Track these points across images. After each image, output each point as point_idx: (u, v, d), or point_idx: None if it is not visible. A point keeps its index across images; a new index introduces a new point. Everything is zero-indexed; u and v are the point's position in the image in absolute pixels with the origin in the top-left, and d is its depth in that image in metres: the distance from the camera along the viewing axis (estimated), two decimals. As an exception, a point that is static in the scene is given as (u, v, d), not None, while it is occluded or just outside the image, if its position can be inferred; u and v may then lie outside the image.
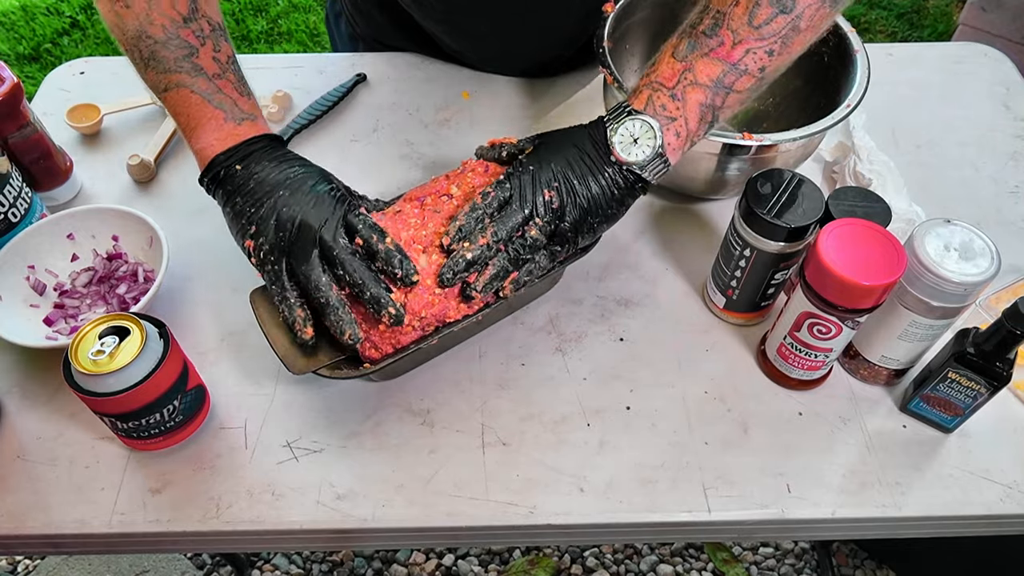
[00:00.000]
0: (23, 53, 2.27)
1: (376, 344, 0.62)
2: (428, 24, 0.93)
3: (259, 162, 0.63)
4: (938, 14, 2.37)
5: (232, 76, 0.66)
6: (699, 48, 0.60)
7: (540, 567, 1.35)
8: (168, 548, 0.65)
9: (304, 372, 0.60)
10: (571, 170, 0.62)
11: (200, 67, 0.65)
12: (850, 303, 0.58)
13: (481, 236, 0.61)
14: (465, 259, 0.60)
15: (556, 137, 0.64)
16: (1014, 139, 0.90)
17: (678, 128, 0.61)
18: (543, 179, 0.61)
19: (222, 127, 0.64)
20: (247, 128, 0.65)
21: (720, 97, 0.61)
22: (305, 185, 0.62)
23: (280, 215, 0.60)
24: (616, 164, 0.61)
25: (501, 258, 0.61)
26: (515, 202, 0.61)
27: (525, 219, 0.61)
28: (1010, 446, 0.66)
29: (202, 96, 0.64)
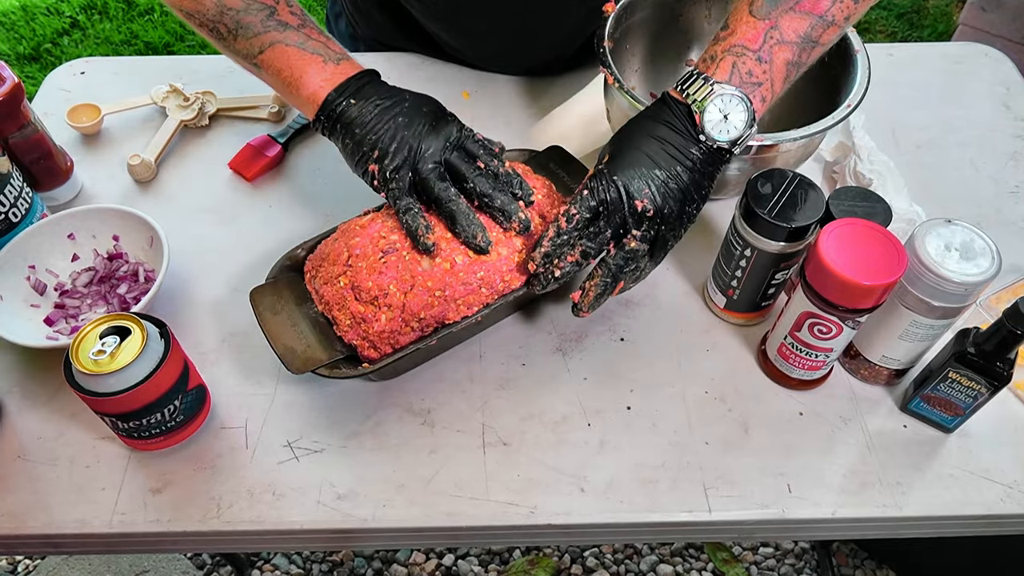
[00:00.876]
0: (23, 53, 2.27)
1: (375, 344, 0.62)
2: (429, 23, 0.93)
3: (371, 95, 0.65)
4: (938, 14, 2.37)
5: (312, 23, 0.70)
6: (782, 2, 0.57)
7: (540, 567, 1.35)
8: (168, 548, 0.65)
9: (303, 371, 0.60)
10: (658, 168, 0.59)
11: (285, 22, 0.68)
12: (850, 303, 0.58)
13: (570, 254, 0.60)
14: (554, 276, 0.61)
15: (632, 133, 0.61)
16: (1014, 139, 0.90)
17: (764, 93, 0.59)
18: (634, 189, 0.58)
19: (324, 69, 0.67)
20: (346, 67, 0.67)
21: (807, 52, 0.58)
22: (420, 111, 0.64)
23: (403, 137, 0.63)
24: (704, 144, 0.59)
25: (603, 276, 0.61)
26: (602, 219, 0.60)
27: (616, 232, 0.60)
28: (1010, 446, 0.66)
29: (297, 47, 0.67)
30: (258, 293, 0.65)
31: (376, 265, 0.62)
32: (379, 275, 0.61)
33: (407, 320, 0.62)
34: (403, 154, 0.63)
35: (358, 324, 0.62)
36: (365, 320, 0.61)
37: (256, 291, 0.65)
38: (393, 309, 0.61)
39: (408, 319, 0.62)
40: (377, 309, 0.61)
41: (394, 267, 0.62)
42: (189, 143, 0.90)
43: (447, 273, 0.62)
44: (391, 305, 0.61)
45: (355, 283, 0.62)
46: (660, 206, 0.59)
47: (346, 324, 0.62)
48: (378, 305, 0.61)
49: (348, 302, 0.62)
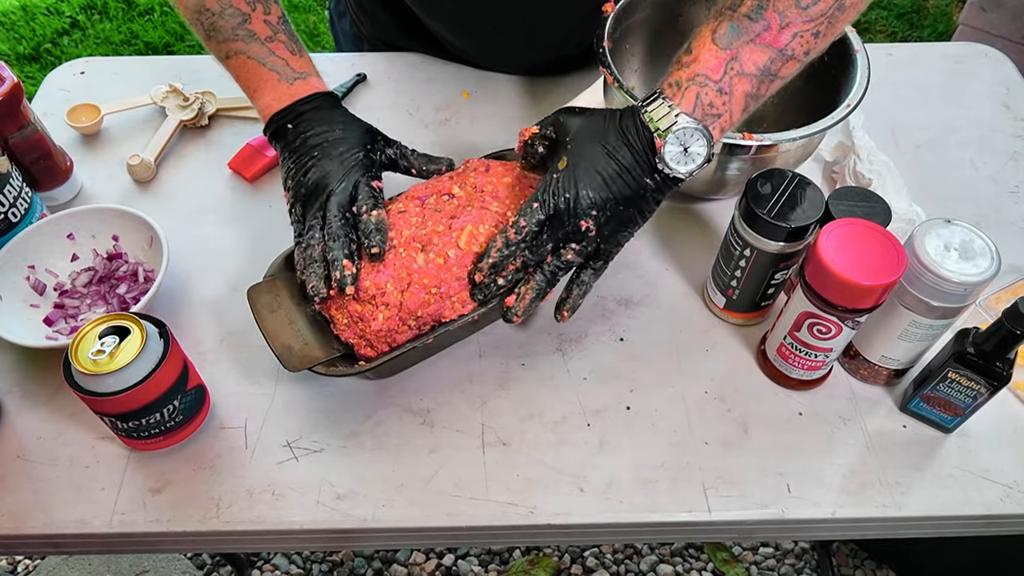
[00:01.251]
0: (23, 53, 2.27)
1: (372, 343, 0.62)
2: (432, 23, 0.93)
3: (307, 123, 0.67)
4: (938, 14, 2.37)
5: (283, 36, 0.71)
6: (744, 33, 0.57)
7: (540, 567, 1.35)
8: (168, 548, 0.65)
9: (299, 369, 0.60)
10: (610, 191, 0.59)
11: (253, 32, 0.69)
12: (850, 303, 0.58)
13: (511, 263, 0.61)
14: (497, 284, 0.62)
15: (594, 149, 0.60)
16: (1014, 139, 0.90)
17: (723, 124, 0.59)
18: (580, 208, 0.59)
19: (276, 88, 0.69)
20: (299, 87, 0.69)
21: (765, 85, 0.58)
22: (336, 150, 0.66)
23: (308, 174, 0.65)
24: (660, 172, 0.59)
25: (539, 281, 0.61)
26: (547, 231, 0.60)
27: (557, 245, 0.61)
28: (1010, 446, 0.66)
29: (257, 60, 0.69)
30: (256, 291, 0.65)
31: (374, 264, 0.62)
32: (376, 273, 0.62)
33: (404, 319, 0.62)
34: (300, 191, 0.66)
35: (355, 323, 0.62)
36: (363, 319, 0.61)
37: (254, 289, 0.65)
38: (391, 308, 0.61)
39: (405, 317, 0.62)
40: (375, 308, 0.61)
41: (391, 264, 0.62)
42: (189, 143, 0.90)
43: (441, 268, 0.62)
44: (388, 304, 0.61)
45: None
46: (603, 226, 0.59)
47: (343, 323, 0.62)
48: (376, 304, 0.61)
49: (346, 301, 0.62)
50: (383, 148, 0.70)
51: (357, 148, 0.67)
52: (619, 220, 0.60)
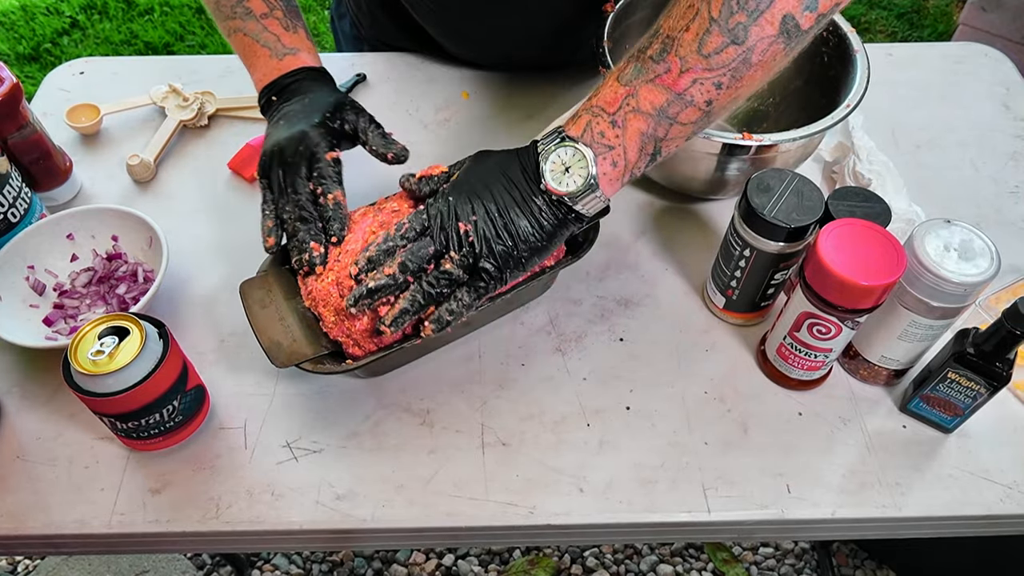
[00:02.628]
0: (23, 53, 2.27)
1: (359, 342, 0.62)
2: (427, 26, 0.93)
3: (287, 95, 0.71)
4: (938, 14, 2.37)
5: (279, 13, 0.74)
6: (645, 73, 0.56)
7: (540, 567, 1.35)
8: (168, 548, 0.65)
9: (287, 365, 0.61)
10: (494, 202, 0.58)
11: (250, 9, 0.73)
12: (850, 303, 0.58)
13: (387, 266, 0.59)
14: (368, 287, 0.58)
15: (484, 163, 0.61)
16: (1014, 139, 0.90)
17: (615, 158, 0.58)
18: (461, 211, 0.58)
19: (267, 63, 0.72)
20: (288, 62, 0.72)
21: (663, 128, 0.57)
22: (296, 118, 0.68)
23: (270, 144, 0.68)
24: (546, 194, 0.58)
25: (413, 292, 0.59)
26: (429, 233, 0.59)
27: (438, 252, 0.58)
28: (1010, 446, 0.66)
29: (252, 37, 0.73)
30: (247, 286, 0.65)
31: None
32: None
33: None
34: (263, 161, 0.68)
35: (343, 322, 0.62)
36: (349, 318, 0.61)
37: (246, 284, 0.65)
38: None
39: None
40: None
41: None
42: (188, 143, 0.90)
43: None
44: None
45: (340, 279, 0.62)
46: (482, 235, 0.58)
47: (331, 321, 0.62)
48: None
49: (333, 299, 0.62)
50: (346, 117, 0.70)
51: (316, 115, 0.68)
52: (501, 233, 0.58)
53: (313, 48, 0.75)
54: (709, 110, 0.57)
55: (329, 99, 0.70)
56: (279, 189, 0.66)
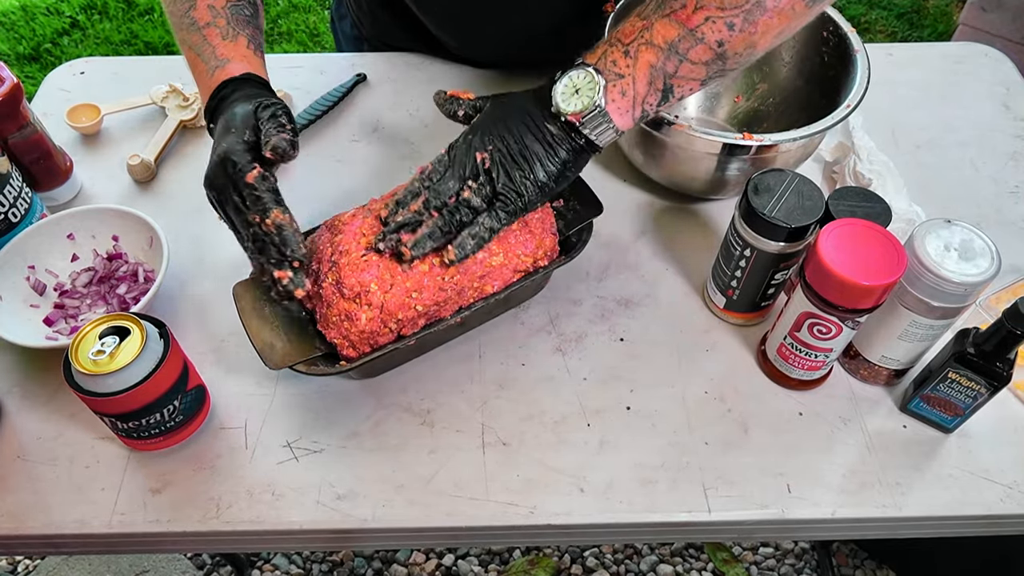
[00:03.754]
0: (23, 53, 2.27)
1: (355, 344, 0.62)
2: (431, 25, 0.93)
3: (217, 119, 0.65)
4: (938, 14, 2.37)
5: (222, 21, 0.68)
6: (662, 8, 0.58)
7: (540, 567, 1.35)
8: (168, 548, 0.65)
9: (280, 367, 0.61)
10: (509, 131, 0.60)
11: (194, 20, 0.68)
12: (850, 303, 0.58)
13: (413, 203, 0.61)
14: (396, 222, 0.61)
15: (503, 99, 0.63)
16: (1014, 139, 0.90)
17: (624, 87, 0.59)
18: (477, 143, 0.61)
19: (203, 81, 0.67)
20: (216, 77, 0.66)
21: (673, 63, 0.58)
22: (217, 147, 0.62)
23: (205, 177, 0.62)
24: (558, 118, 0.60)
25: (435, 220, 0.61)
26: (449, 171, 0.61)
27: (458, 185, 0.61)
28: (1010, 446, 0.66)
29: (195, 52, 0.68)
30: (241, 288, 0.65)
31: (358, 262, 0.62)
32: (361, 272, 0.62)
33: (385, 321, 0.62)
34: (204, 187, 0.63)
35: (341, 323, 0.62)
36: (349, 318, 0.61)
37: (239, 286, 0.65)
38: (373, 308, 0.61)
39: (386, 319, 0.62)
40: (359, 307, 0.61)
41: (375, 265, 0.62)
42: (189, 143, 0.90)
43: (424, 275, 0.62)
44: (371, 304, 0.61)
45: (339, 279, 0.62)
46: (497, 161, 0.60)
47: (330, 321, 0.62)
48: (360, 303, 0.61)
49: (336, 300, 0.62)
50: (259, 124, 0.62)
51: (232, 134, 0.61)
52: (515, 158, 0.60)
53: (250, 53, 0.69)
54: (721, 52, 0.58)
55: (246, 110, 0.63)
56: (228, 223, 0.62)
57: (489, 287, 0.65)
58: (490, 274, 0.65)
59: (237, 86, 0.65)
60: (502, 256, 0.65)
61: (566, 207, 0.71)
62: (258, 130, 0.62)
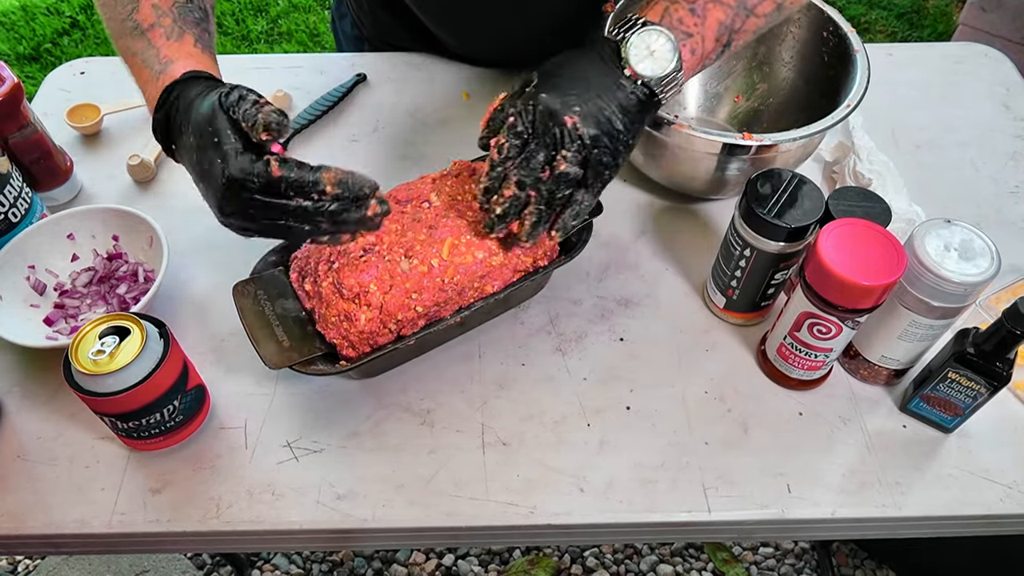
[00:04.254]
0: (23, 53, 2.27)
1: (354, 344, 0.62)
2: (431, 23, 0.93)
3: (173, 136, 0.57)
4: (938, 14, 2.37)
5: (167, 20, 0.60)
6: None
7: (540, 567, 1.35)
8: (168, 548, 0.65)
9: (280, 367, 0.61)
10: (586, 91, 0.56)
11: (137, 23, 0.60)
12: (850, 303, 0.58)
13: (506, 188, 0.58)
14: (496, 214, 0.59)
15: (560, 62, 0.59)
16: (1014, 139, 0.90)
17: (694, 45, 0.58)
18: (559, 107, 0.56)
19: (148, 89, 0.59)
20: (161, 83, 0.58)
21: (740, 19, 0.57)
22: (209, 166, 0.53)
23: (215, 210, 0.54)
24: (630, 80, 0.57)
25: (536, 204, 0.58)
26: (532, 142, 0.57)
27: (548, 156, 0.57)
28: (1010, 446, 0.66)
29: (140, 58, 0.60)
30: (241, 288, 0.65)
31: (357, 263, 0.62)
32: (360, 273, 0.62)
33: (384, 321, 0.62)
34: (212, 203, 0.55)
35: (341, 323, 0.62)
36: (348, 318, 0.61)
37: (239, 286, 0.65)
38: (372, 309, 0.61)
39: (386, 320, 0.62)
40: (358, 308, 0.61)
41: (374, 266, 0.62)
42: (189, 143, 0.90)
43: (424, 276, 0.62)
44: (371, 304, 0.61)
45: (338, 280, 0.62)
46: (587, 124, 0.56)
47: (330, 322, 0.62)
48: (359, 304, 0.61)
49: (335, 300, 0.62)
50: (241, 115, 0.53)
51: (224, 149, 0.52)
52: (603, 120, 0.57)
53: (197, 52, 0.61)
54: (780, 3, 0.58)
55: (208, 109, 0.54)
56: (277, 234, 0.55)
57: (489, 287, 0.65)
58: (490, 274, 0.65)
59: (183, 89, 0.56)
60: (502, 256, 0.65)
61: None
62: (235, 122, 0.53)
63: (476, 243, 0.64)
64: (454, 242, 0.64)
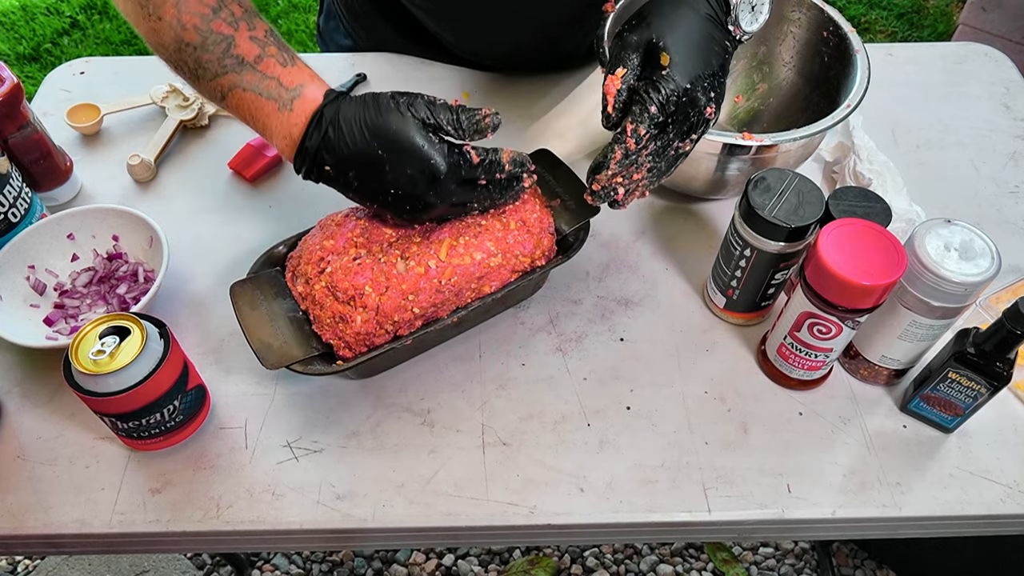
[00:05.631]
0: (23, 53, 2.27)
1: (350, 345, 0.62)
2: (430, 23, 0.93)
3: (326, 158, 0.59)
4: (938, 14, 2.37)
5: (273, 49, 0.61)
6: None
7: (540, 567, 1.35)
8: (168, 548, 0.65)
9: (277, 367, 0.61)
10: (712, 69, 0.58)
11: (242, 58, 0.60)
12: (850, 303, 0.58)
13: (636, 172, 0.60)
14: (617, 194, 0.61)
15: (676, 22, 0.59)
16: (1014, 139, 0.90)
17: None
18: (700, 93, 0.57)
19: (279, 120, 0.60)
20: (300, 109, 0.59)
21: None
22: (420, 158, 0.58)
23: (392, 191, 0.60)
24: (734, 39, 0.61)
25: (650, 173, 0.61)
26: (672, 130, 0.58)
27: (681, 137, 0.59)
28: (1010, 446, 0.66)
29: (254, 92, 0.60)
30: (238, 288, 0.65)
31: (350, 266, 0.62)
32: (354, 276, 0.62)
33: (381, 323, 0.62)
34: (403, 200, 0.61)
35: (336, 324, 0.62)
36: (343, 320, 0.61)
37: (236, 286, 0.66)
38: (368, 310, 0.61)
39: (382, 321, 0.62)
40: (353, 310, 0.61)
41: (368, 268, 0.62)
42: (189, 143, 0.90)
43: (421, 277, 0.62)
44: (366, 306, 0.61)
45: (332, 283, 0.62)
46: (718, 107, 0.60)
47: (326, 323, 0.62)
48: (354, 305, 0.61)
49: (329, 302, 0.62)
50: (438, 118, 0.60)
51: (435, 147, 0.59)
52: (722, 97, 0.60)
53: (314, 73, 0.64)
54: None
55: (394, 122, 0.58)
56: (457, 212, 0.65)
57: (487, 288, 0.66)
58: (488, 275, 0.65)
59: (336, 109, 0.59)
60: (500, 257, 0.65)
61: (563, 207, 0.71)
62: (435, 127, 0.59)
63: (474, 244, 0.64)
64: (452, 243, 0.64)
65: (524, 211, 0.67)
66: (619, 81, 0.58)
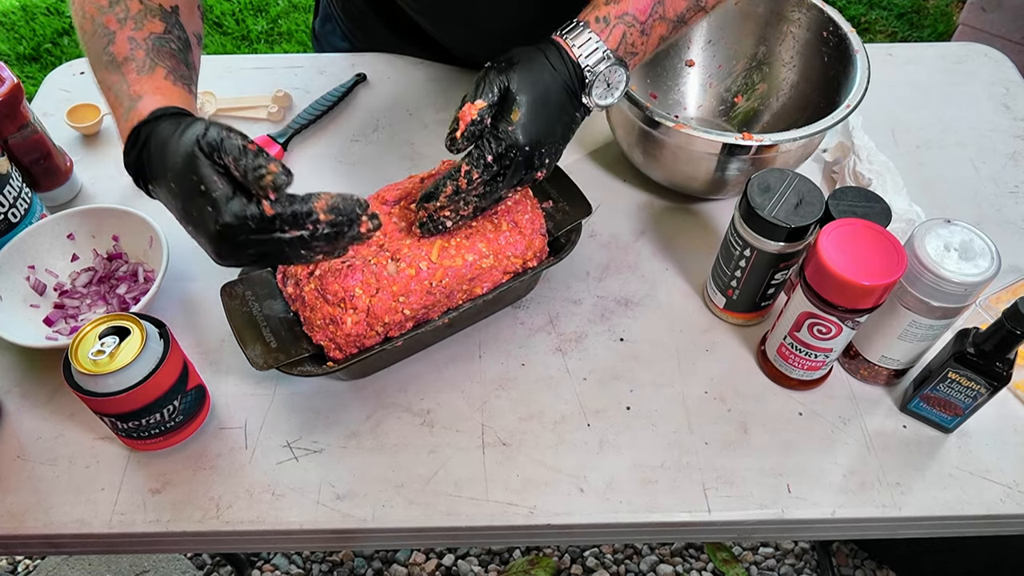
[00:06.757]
0: (23, 53, 2.27)
1: (341, 346, 0.62)
2: (418, 19, 0.93)
3: (146, 172, 0.56)
4: (938, 14, 2.37)
5: (140, 53, 0.58)
6: None
7: (540, 567, 1.35)
8: (168, 548, 0.65)
9: (267, 368, 0.61)
10: (555, 129, 0.60)
11: (113, 56, 0.58)
12: (850, 303, 0.58)
13: (463, 209, 0.62)
14: (441, 225, 0.63)
15: (534, 82, 0.59)
16: (1014, 139, 0.90)
17: (636, 62, 0.63)
18: (536, 156, 0.59)
19: (122, 130, 0.57)
20: (129, 124, 0.56)
21: (676, 31, 0.63)
22: (199, 216, 0.52)
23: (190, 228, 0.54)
24: (585, 109, 0.62)
25: (476, 206, 0.62)
26: (501, 180, 0.60)
27: (510, 187, 0.62)
28: (1010, 446, 0.66)
29: (114, 93, 0.58)
30: (229, 288, 0.65)
31: (340, 268, 0.62)
32: (344, 278, 0.61)
33: (372, 324, 0.62)
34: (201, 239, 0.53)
35: (327, 326, 0.62)
36: (334, 322, 0.61)
37: (227, 287, 0.66)
38: (359, 312, 0.61)
39: (373, 323, 0.62)
40: (344, 311, 0.61)
41: (359, 270, 0.62)
42: (189, 143, 0.90)
43: (412, 279, 0.62)
44: (357, 308, 0.61)
45: (322, 285, 0.62)
46: (550, 170, 0.62)
47: (316, 324, 0.62)
48: (345, 307, 0.61)
49: (319, 305, 0.62)
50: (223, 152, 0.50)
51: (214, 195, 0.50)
52: (556, 156, 0.62)
53: (167, 85, 0.58)
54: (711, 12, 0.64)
55: (185, 151, 0.51)
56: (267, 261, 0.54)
57: (479, 289, 0.65)
58: (480, 276, 0.65)
59: (154, 128, 0.54)
60: (492, 258, 0.65)
61: (555, 208, 0.71)
62: (218, 164, 0.50)
63: (466, 245, 0.64)
64: (443, 244, 0.64)
65: (516, 212, 0.67)
66: (475, 112, 0.58)
